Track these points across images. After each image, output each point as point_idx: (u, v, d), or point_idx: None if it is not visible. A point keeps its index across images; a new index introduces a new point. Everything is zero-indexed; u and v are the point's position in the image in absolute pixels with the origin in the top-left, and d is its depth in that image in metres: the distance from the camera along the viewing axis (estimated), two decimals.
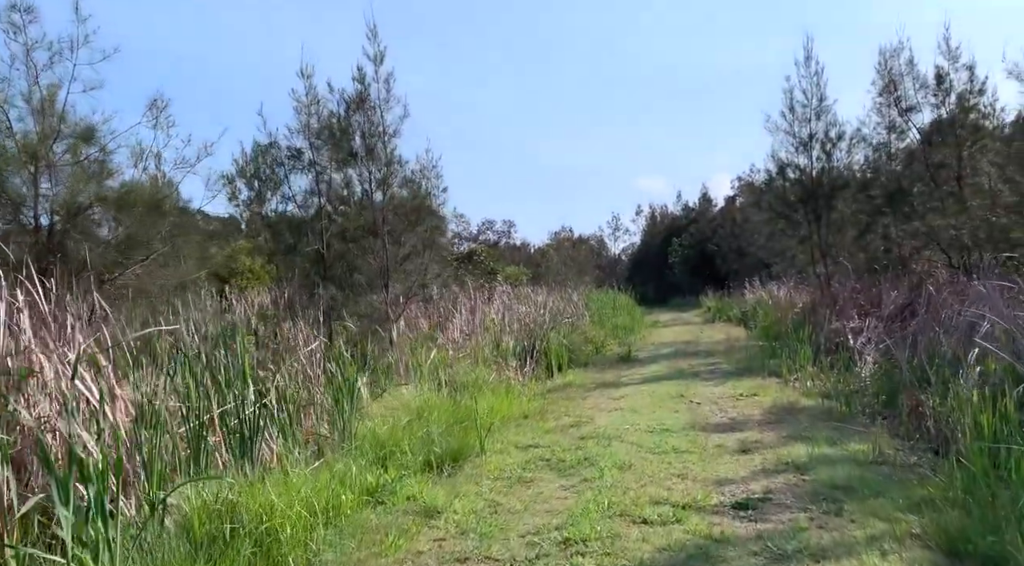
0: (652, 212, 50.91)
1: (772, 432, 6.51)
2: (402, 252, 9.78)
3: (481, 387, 8.23)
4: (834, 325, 10.96)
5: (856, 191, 13.65)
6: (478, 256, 16.82)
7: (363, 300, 9.01)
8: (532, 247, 43.41)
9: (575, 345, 13.43)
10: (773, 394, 8.53)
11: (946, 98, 13.05)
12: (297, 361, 6.84)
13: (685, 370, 11.22)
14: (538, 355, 11.43)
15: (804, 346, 10.50)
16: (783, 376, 9.72)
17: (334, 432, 5.40)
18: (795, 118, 14.90)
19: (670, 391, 9.00)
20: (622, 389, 9.46)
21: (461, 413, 6.60)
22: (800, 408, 7.62)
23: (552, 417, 7.60)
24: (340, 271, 9.07)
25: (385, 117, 9.60)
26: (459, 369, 8.67)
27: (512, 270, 21.95)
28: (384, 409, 6.45)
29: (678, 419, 7.18)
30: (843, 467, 5.19)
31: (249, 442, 4.35)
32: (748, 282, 24.22)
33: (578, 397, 8.96)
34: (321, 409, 5.77)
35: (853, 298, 11.56)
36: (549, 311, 15.60)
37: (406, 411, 6.35)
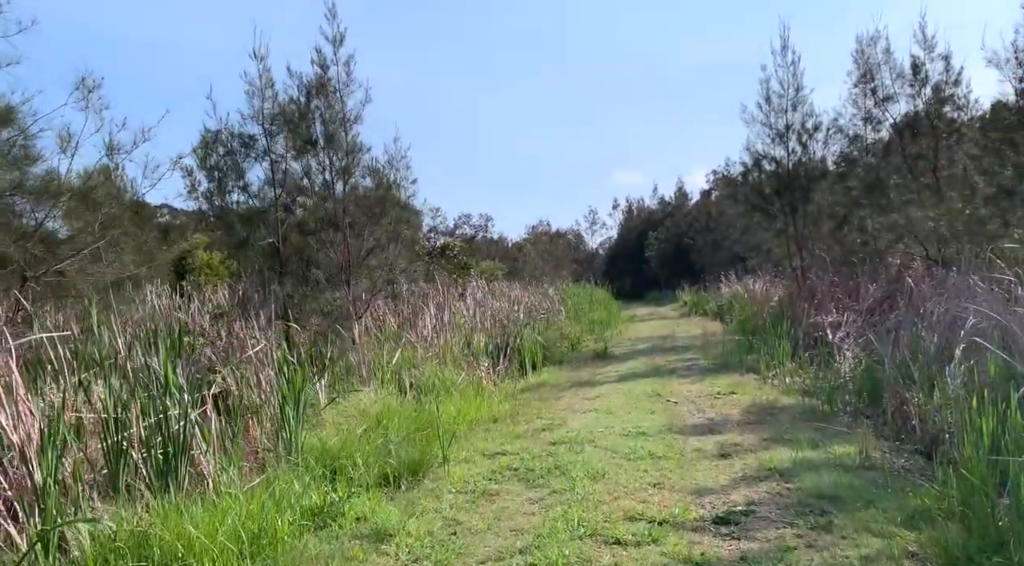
0: (629, 206, 50.78)
1: (752, 434, 6.17)
2: (365, 246, 9.29)
3: (449, 389, 7.81)
4: (812, 319, 10.70)
5: (833, 182, 13.44)
6: (451, 250, 16.34)
7: (322, 297, 8.51)
8: (510, 241, 42.96)
9: (550, 341, 13.06)
10: (752, 392, 8.21)
11: (922, 88, 12.87)
12: (247, 364, 6.36)
13: (662, 367, 10.89)
14: (511, 353, 11.03)
15: (782, 341, 10.21)
16: (761, 373, 9.43)
17: (279, 444, 4.93)
18: (771, 109, 14.65)
19: (646, 389, 8.65)
20: (597, 388, 9.09)
21: (424, 419, 6.17)
22: (780, 407, 7.31)
23: (523, 420, 7.20)
24: (297, 266, 8.55)
25: (346, 102, 9.10)
26: (426, 370, 8.23)
27: (487, 264, 21.51)
28: (339, 416, 5.99)
29: (655, 420, 6.82)
30: (829, 473, 4.85)
31: (174, 460, 3.87)
32: (724, 276, 24.08)
33: (551, 397, 8.57)
34: (267, 419, 5.29)
35: (831, 291, 11.31)
36: (524, 307, 15.23)
37: (363, 418, 5.90)
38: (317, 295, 8.43)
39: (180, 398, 4.10)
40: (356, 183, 9.57)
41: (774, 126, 14.66)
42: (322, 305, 8.47)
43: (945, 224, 10.91)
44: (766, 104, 14.68)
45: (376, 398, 6.46)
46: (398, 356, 8.04)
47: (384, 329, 10.68)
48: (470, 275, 16.29)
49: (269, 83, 8.82)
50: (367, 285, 9.33)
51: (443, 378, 7.92)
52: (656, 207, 47.62)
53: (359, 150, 9.10)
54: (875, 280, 11.76)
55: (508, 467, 5.41)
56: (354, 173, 9.34)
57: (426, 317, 10.68)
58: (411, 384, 7.68)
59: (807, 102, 14.46)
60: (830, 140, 14.41)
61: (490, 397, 8.36)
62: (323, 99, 9.18)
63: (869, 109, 13.70)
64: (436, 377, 7.91)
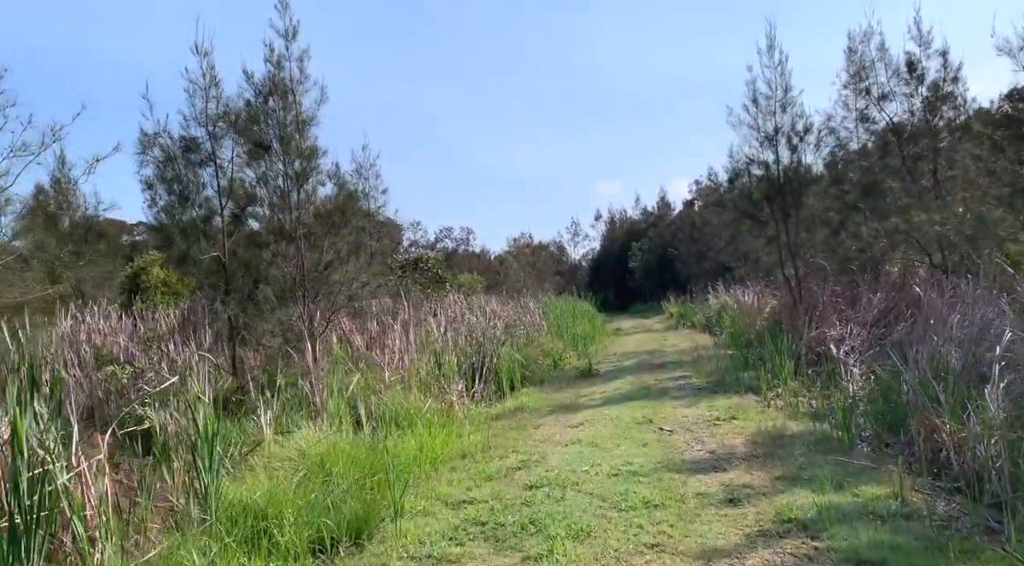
0: (611, 217, 50.09)
1: (762, 471, 5.30)
2: (324, 259, 8.37)
3: (413, 419, 6.87)
4: (814, 332, 9.90)
5: (827, 186, 12.73)
6: (424, 263, 15.41)
7: (273, 316, 7.55)
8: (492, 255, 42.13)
9: (531, 359, 12.16)
10: (755, 416, 7.36)
11: (919, 86, 12.24)
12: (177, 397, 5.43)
13: (651, 387, 10.02)
14: (488, 374, 10.11)
15: (782, 357, 9.38)
16: (762, 393, 8.59)
17: (189, 504, 3.98)
18: (759, 111, 13.85)
19: (636, 415, 7.76)
20: (581, 413, 8.19)
21: (379, 460, 5.23)
22: (789, 435, 6.45)
23: (496, 455, 6.27)
24: (243, 283, 7.60)
25: (301, 101, 8.21)
26: (389, 397, 7.29)
27: (466, 278, 20.60)
28: (277, 459, 5.04)
29: (647, 455, 5.92)
30: (864, 526, 3.99)
31: (25, 538, 2.93)
32: (711, 286, 23.34)
33: (530, 425, 7.65)
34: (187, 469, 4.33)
35: (833, 302, 10.53)
36: (503, 322, 14.33)
37: (304, 461, 4.95)
38: (266, 314, 7.46)
39: (42, 455, 3.15)
40: (313, 190, 8.67)
41: (762, 129, 13.87)
42: (273, 325, 7.51)
43: (952, 228, 10.19)
44: (753, 106, 13.89)
45: (323, 435, 5.51)
46: (356, 382, 7.09)
47: (349, 350, 9.74)
48: (446, 289, 15.37)
49: (214, 81, 7.91)
50: (326, 302, 8.39)
51: (407, 406, 6.98)
52: (639, 217, 47.02)
53: (316, 154, 8.19)
54: (876, 289, 11.00)
55: (474, 521, 4.48)
56: (311, 179, 8.43)
57: (394, 336, 9.74)
58: (368, 415, 6.73)
59: (796, 103, 13.68)
60: (822, 142, 13.67)
61: (461, 426, 7.43)
62: (277, 99, 8.29)
63: (863, 109, 13.08)
64: (399, 405, 6.97)
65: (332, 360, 9.22)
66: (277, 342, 7.75)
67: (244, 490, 4.29)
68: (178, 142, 7.76)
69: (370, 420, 6.76)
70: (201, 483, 4.09)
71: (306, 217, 8.06)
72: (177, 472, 4.20)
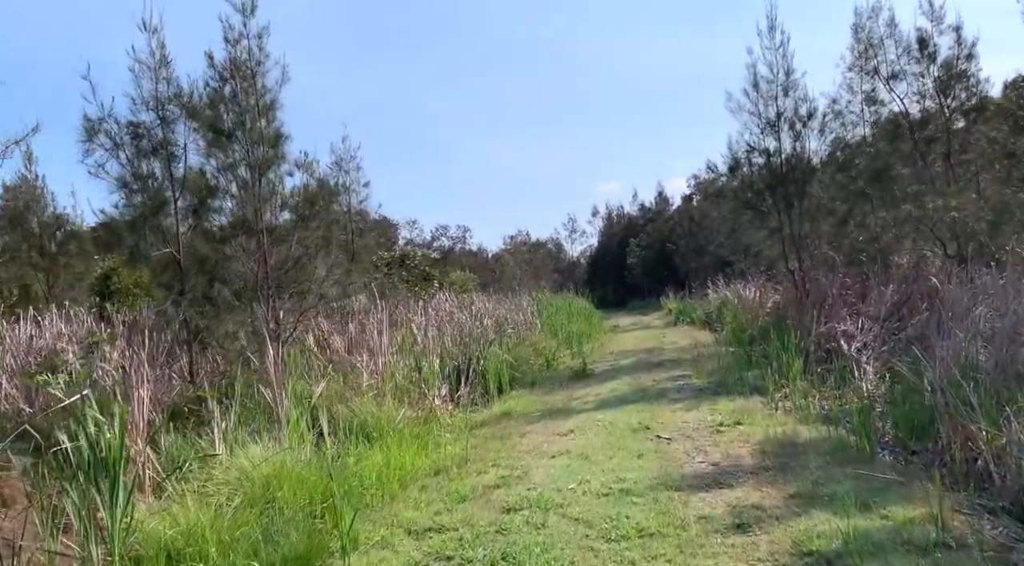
0: (609, 213, 49.42)
1: (774, 488, 4.63)
2: (292, 254, 7.69)
3: (384, 430, 6.20)
4: (822, 328, 9.23)
5: (834, 172, 12.06)
6: (411, 260, 14.73)
7: (232, 318, 6.88)
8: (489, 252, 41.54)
9: (522, 359, 11.49)
10: (761, 421, 6.69)
11: (930, 65, 11.57)
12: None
13: (649, 388, 9.34)
14: (474, 376, 9.44)
15: (790, 355, 8.71)
16: (769, 394, 7.92)
17: (89, 540, 3.30)
18: (760, 96, 13.13)
19: (632, 420, 7.09)
20: (572, 419, 7.51)
21: (336, 481, 4.55)
22: (802, 443, 5.78)
23: (474, 470, 5.60)
24: (199, 281, 6.92)
25: (262, 82, 7.54)
26: (360, 405, 6.61)
27: (458, 275, 19.91)
28: (213, 483, 4.36)
29: (643, 469, 5.25)
30: (901, 561, 3.32)
31: None
32: (711, 281, 22.69)
33: (515, 433, 6.98)
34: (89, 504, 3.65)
35: (843, 295, 9.85)
36: (494, 320, 13.67)
37: (245, 485, 4.28)
38: (224, 315, 6.78)
39: None
40: (280, 181, 7.99)
41: (763, 115, 13.15)
42: (232, 328, 6.83)
43: (969, 214, 9.51)
44: (754, 90, 13.16)
45: (274, 452, 4.82)
46: (322, 389, 6.41)
47: (327, 353, 9.07)
48: (433, 287, 14.69)
49: (164, 61, 7.22)
50: (294, 302, 7.72)
51: (378, 416, 6.31)
52: (637, 213, 46.35)
53: (281, 140, 7.50)
54: (887, 281, 10.33)
55: (439, 555, 3.81)
56: (276, 168, 7.75)
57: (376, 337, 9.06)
58: (333, 426, 6.05)
59: (799, 87, 12.96)
60: (826, 128, 12.96)
61: (440, 435, 6.77)
62: (237, 80, 7.61)
63: (870, 91, 12.41)
64: (369, 415, 6.30)
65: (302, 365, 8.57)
66: (238, 346, 7.08)
67: (165, 524, 3.62)
68: (126, 128, 7.07)
69: (337, 432, 6.09)
70: (108, 518, 3.41)
71: (270, 209, 7.38)
72: (76, 507, 3.52)
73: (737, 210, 14.89)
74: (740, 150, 13.28)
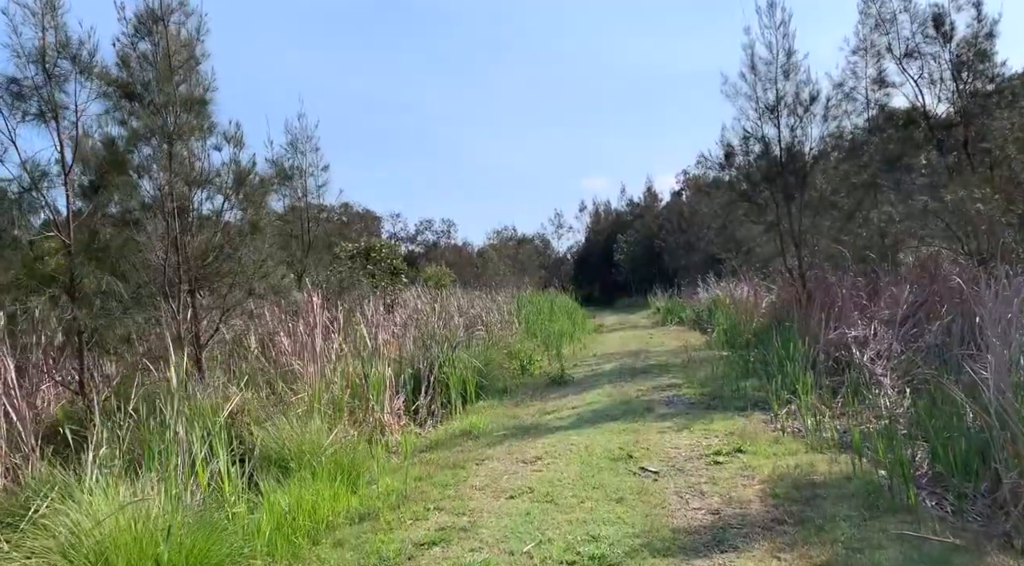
0: (596, 209, 48.35)
1: (794, 553, 3.50)
2: (215, 242, 6.48)
3: (307, 457, 5.01)
4: (831, 334, 8.13)
5: (841, 159, 10.98)
6: (378, 252, 13.52)
7: (133, 317, 5.66)
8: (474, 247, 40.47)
9: (493, 364, 10.33)
10: (767, 448, 5.57)
11: (947, 43, 10.50)
12: None
13: (633, 400, 8.21)
14: (435, 385, 8.28)
15: (795, 365, 7.61)
16: (773, 410, 6.81)
17: None
18: (758, 79, 12.00)
19: (612, 445, 5.95)
20: (542, 440, 6.36)
21: (210, 542, 3.37)
22: (821, 482, 4.65)
23: (411, 514, 4.43)
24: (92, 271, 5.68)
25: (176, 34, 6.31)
26: (283, 424, 5.41)
27: (433, 270, 18.72)
28: (34, 552, 3.17)
29: (622, 521, 4.10)
30: None
31: None
32: (701, 279, 21.64)
33: (472, 460, 5.82)
34: None
35: (854, 297, 8.76)
36: (466, 319, 12.50)
37: (70, 555, 3.09)
38: (117, 315, 5.56)
39: None
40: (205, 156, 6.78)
41: (761, 99, 12.03)
42: (127, 330, 5.62)
43: (995, 207, 8.44)
44: (751, 73, 12.03)
45: (144, 495, 3.63)
46: (233, 403, 5.22)
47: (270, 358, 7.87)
48: (402, 282, 13.49)
49: (51, 5, 5.97)
50: (215, 298, 6.51)
51: (301, 439, 5.12)
52: (625, 208, 45.31)
53: (199, 105, 6.28)
54: (900, 281, 9.26)
55: None
56: (195, 139, 6.53)
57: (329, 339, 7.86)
58: (245, 453, 4.87)
59: (801, 70, 11.84)
60: (830, 113, 11.85)
61: (382, 462, 5.61)
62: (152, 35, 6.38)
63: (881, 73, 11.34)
64: (289, 437, 5.11)
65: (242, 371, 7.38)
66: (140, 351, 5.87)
67: None
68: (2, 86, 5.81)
69: (246, 462, 4.90)
70: None
71: (187, 186, 6.15)
72: None
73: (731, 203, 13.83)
74: (736, 137, 12.21)
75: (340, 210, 37.47)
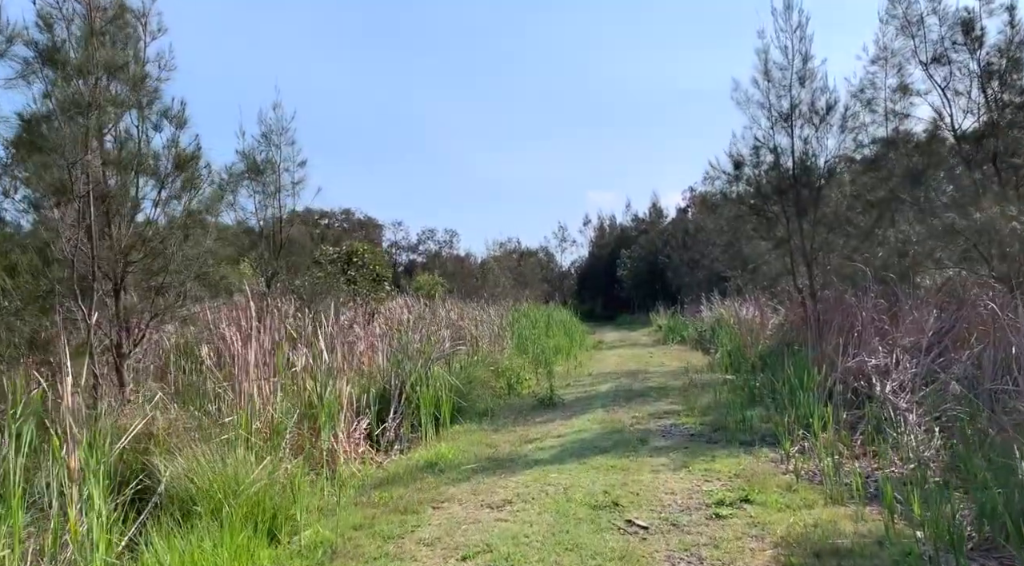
0: (600, 223, 47.55)
1: None
2: (145, 234, 5.63)
3: (220, 500, 4.11)
4: (849, 361, 7.22)
5: (861, 172, 10.12)
6: (360, 257, 12.65)
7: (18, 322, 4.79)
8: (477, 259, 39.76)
9: (477, 382, 9.44)
10: (778, 498, 4.65)
11: (977, 49, 9.65)
12: None
13: (626, 428, 7.31)
14: (404, 406, 7.39)
15: (807, 395, 6.72)
16: (783, 447, 5.89)
17: None
18: (771, 85, 11.17)
19: (596, 487, 5.04)
20: (516, 478, 5.45)
21: None
22: (848, 551, 3.74)
23: None
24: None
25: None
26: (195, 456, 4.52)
27: (424, 279, 17.85)
28: None
29: None
30: None
31: None
32: (705, 297, 20.74)
33: (429, 502, 4.90)
34: None
35: (875, 321, 7.85)
36: (452, 330, 11.61)
37: None
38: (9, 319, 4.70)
39: None
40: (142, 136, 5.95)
41: (775, 107, 11.20)
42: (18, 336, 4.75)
43: None
44: (764, 79, 11.21)
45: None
46: (134, 430, 4.33)
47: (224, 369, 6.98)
48: (384, 290, 12.61)
49: None
50: (141, 300, 5.64)
51: (212, 477, 4.22)
52: (629, 224, 44.49)
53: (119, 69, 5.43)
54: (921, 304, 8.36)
55: None
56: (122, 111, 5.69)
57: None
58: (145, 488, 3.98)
59: (818, 76, 11.02)
60: (848, 123, 11.00)
61: (320, 500, 4.71)
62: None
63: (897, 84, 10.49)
64: (198, 474, 4.21)
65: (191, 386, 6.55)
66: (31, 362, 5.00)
67: None
68: None
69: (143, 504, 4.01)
70: None
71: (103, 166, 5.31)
72: None
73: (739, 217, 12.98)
74: (746, 147, 11.38)
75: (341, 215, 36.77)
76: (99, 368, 5.33)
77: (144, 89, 5.85)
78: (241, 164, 9.64)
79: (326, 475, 5.35)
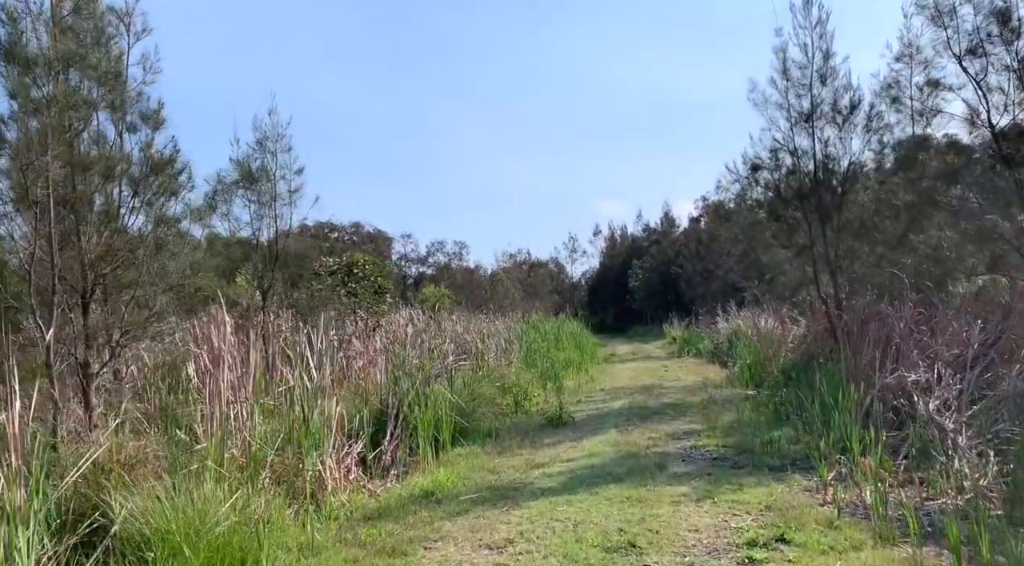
0: (611, 233, 46.96)
1: None
2: (114, 244, 5.15)
3: (180, 542, 3.58)
4: (888, 377, 6.60)
5: (890, 173, 9.53)
6: (360, 268, 12.16)
7: None
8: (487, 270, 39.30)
9: (481, 399, 8.89)
10: (819, 537, 4.06)
11: (1013, 41, 9.06)
12: None
13: (641, 451, 6.72)
14: (400, 428, 6.85)
15: (842, 414, 6.11)
16: (819, 473, 5.28)
17: None
18: (790, 85, 10.60)
19: (609, 524, 4.47)
20: (519, 512, 4.88)
21: None
22: None
23: None
24: None
25: None
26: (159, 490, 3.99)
27: (431, 291, 17.35)
28: None
29: None
30: None
31: None
32: (721, 308, 20.07)
33: (420, 541, 4.34)
34: None
35: (913, 333, 7.23)
36: (457, 344, 11.09)
37: None
38: None
39: None
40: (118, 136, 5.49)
41: (794, 107, 10.63)
42: None
43: None
44: (783, 78, 10.63)
45: None
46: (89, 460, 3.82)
47: None
48: (385, 302, 12.11)
49: None
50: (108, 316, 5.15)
51: (173, 516, 3.69)
52: (641, 234, 43.85)
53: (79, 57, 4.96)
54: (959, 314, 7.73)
55: None
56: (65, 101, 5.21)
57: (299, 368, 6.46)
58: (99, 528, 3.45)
59: (840, 74, 10.44)
60: (873, 123, 10.40)
61: (287, 545, 4.17)
62: None
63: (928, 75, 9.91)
64: (156, 513, 3.68)
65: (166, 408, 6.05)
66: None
67: None
68: None
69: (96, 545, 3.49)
70: None
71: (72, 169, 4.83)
72: None
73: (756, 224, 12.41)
74: (764, 150, 10.79)
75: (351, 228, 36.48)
76: (62, 390, 4.84)
77: (123, 89, 5.40)
78: (235, 172, 9.19)
79: (308, 507, 4.80)
